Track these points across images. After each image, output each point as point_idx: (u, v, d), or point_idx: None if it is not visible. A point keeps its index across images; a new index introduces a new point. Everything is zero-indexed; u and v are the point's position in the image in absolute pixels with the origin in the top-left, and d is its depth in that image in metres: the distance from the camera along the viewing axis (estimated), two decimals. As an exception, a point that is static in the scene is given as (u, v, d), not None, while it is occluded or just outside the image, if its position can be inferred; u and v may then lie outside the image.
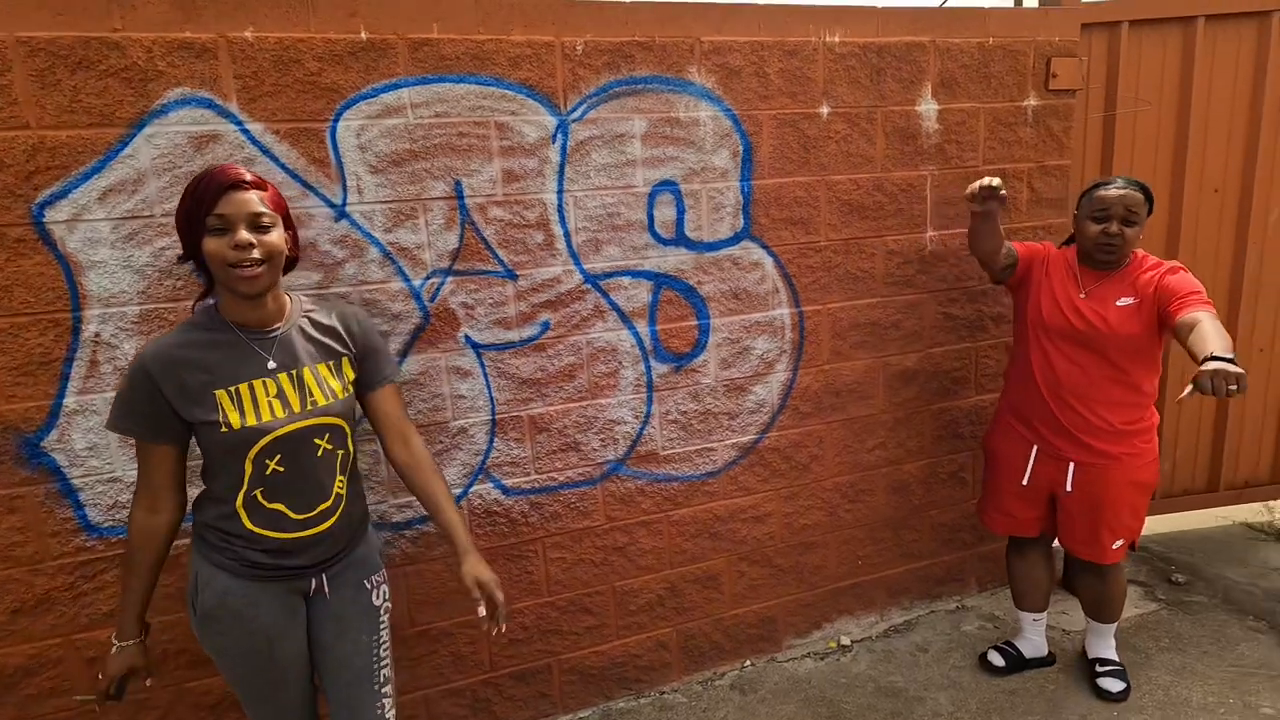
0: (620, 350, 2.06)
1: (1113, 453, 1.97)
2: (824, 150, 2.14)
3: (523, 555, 2.09)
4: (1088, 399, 1.96)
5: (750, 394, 2.23)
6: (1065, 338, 1.97)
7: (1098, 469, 1.99)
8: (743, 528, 2.31)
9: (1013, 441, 2.12)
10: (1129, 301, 1.91)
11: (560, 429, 2.05)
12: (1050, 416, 2.01)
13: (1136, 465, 1.99)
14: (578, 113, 1.90)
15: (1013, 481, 2.12)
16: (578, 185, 1.93)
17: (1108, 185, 1.92)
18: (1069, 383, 1.96)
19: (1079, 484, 2.01)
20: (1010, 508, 2.16)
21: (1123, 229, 1.88)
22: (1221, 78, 2.64)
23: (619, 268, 2.02)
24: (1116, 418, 1.96)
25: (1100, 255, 1.93)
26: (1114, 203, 1.88)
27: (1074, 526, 2.07)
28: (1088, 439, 1.98)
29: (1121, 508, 2.01)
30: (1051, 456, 2.04)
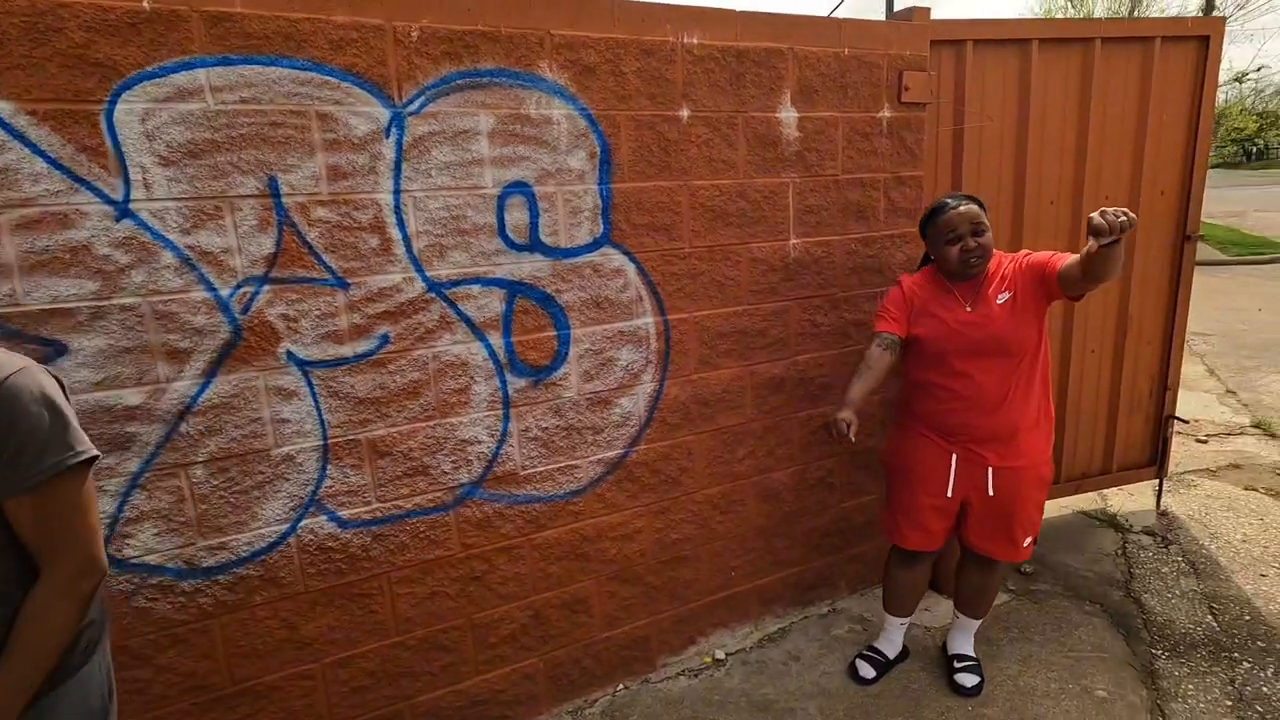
0: (471, 364, 1.91)
1: (1025, 450, 2.02)
2: (685, 154, 2.08)
3: (365, 594, 1.89)
4: (1003, 402, 1.98)
5: (615, 407, 2.13)
6: (972, 351, 1.97)
7: (1014, 470, 2.02)
8: (612, 546, 2.21)
9: (930, 454, 2.08)
10: (1007, 296, 1.97)
11: (405, 452, 1.87)
12: (971, 426, 2.00)
13: (1043, 460, 2.06)
14: (414, 105, 1.73)
15: (935, 495, 2.08)
16: (417, 185, 1.76)
17: (945, 209, 1.98)
18: (985, 390, 1.97)
19: (998, 487, 2.03)
20: (927, 522, 2.12)
21: (978, 240, 1.95)
22: (1054, 99, 2.82)
23: (467, 275, 1.86)
24: (1028, 416, 2.00)
25: (971, 270, 1.98)
26: (959, 222, 1.95)
27: (991, 529, 2.09)
28: (1007, 442, 2.00)
29: (1031, 505, 2.08)
30: (972, 463, 2.04)
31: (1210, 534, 3.12)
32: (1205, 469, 3.84)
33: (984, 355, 1.96)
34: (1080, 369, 3.13)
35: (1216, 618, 2.53)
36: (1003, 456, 2.01)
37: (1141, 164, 2.98)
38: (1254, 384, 5.16)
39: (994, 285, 2.00)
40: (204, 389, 1.63)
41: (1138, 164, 2.98)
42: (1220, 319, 7.12)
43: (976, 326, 1.96)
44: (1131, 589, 2.73)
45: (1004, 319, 1.95)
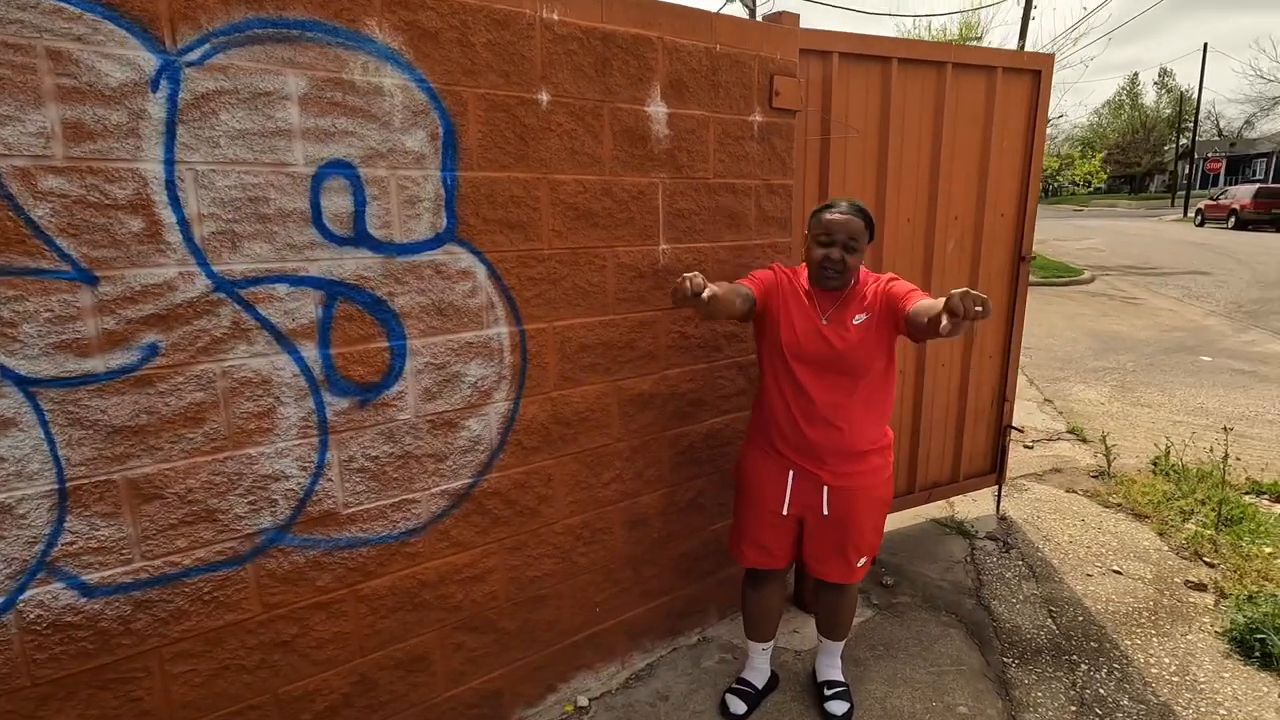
0: (276, 381, 1.55)
1: (861, 471, 1.96)
2: (545, 144, 1.84)
3: (124, 679, 1.46)
4: (841, 421, 1.92)
5: (463, 430, 1.84)
6: (816, 364, 1.91)
7: (849, 490, 1.96)
8: (458, 591, 1.91)
9: (770, 467, 2.01)
10: (863, 318, 1.91)
11: (182, 494, 1.47)
12: (807, 441, 1.94)
13: (880, 482, 2.01)
14: (195, 54, 1.36)
15: (772, 511, 2.00)
16: (200, 155, 1.39)
17: (833, 209, 1.91)
18: (824, 407, 1.91)
19: (833, 506, 1.96)
20: (765, 539, 2.04)
21: (845, 256, 1.87)
22: (911, 117, 2.88)
23: (271, 271, 1.50)
24: (866, 437, 1.95)
25: (824, 281, 1.91)
26: (838, 229, 1.87)
27: (824, 549, 2.02)
28: (842, 461, 1.94)
29: (866, 526, 2.01)
30: (808, 480, 1.97)
31: (1043, 536, 3.33)
32: (1033, 473, 4.14)
33: (828, 371, 1.91)
34: (933, 382, 3.23)
35: (1055, 620, 2.65)
36: (838, 476, 1.95)
37: (986, 186, 3.13)
38: (1065, 393, 5.73)
39: (855, 305, 1.93)
40: None
41: (983, 186, 3.13)
42: (1034, 334, 7.94)
43: (825, 342, 1.90)
44: (982, 596, 2.82)
45: (854, 340, 1.89)
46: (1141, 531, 3.36)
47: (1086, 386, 5.91)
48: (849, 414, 1.92)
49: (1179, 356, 6.87)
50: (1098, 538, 3.30)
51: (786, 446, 1.98)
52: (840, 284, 1.91)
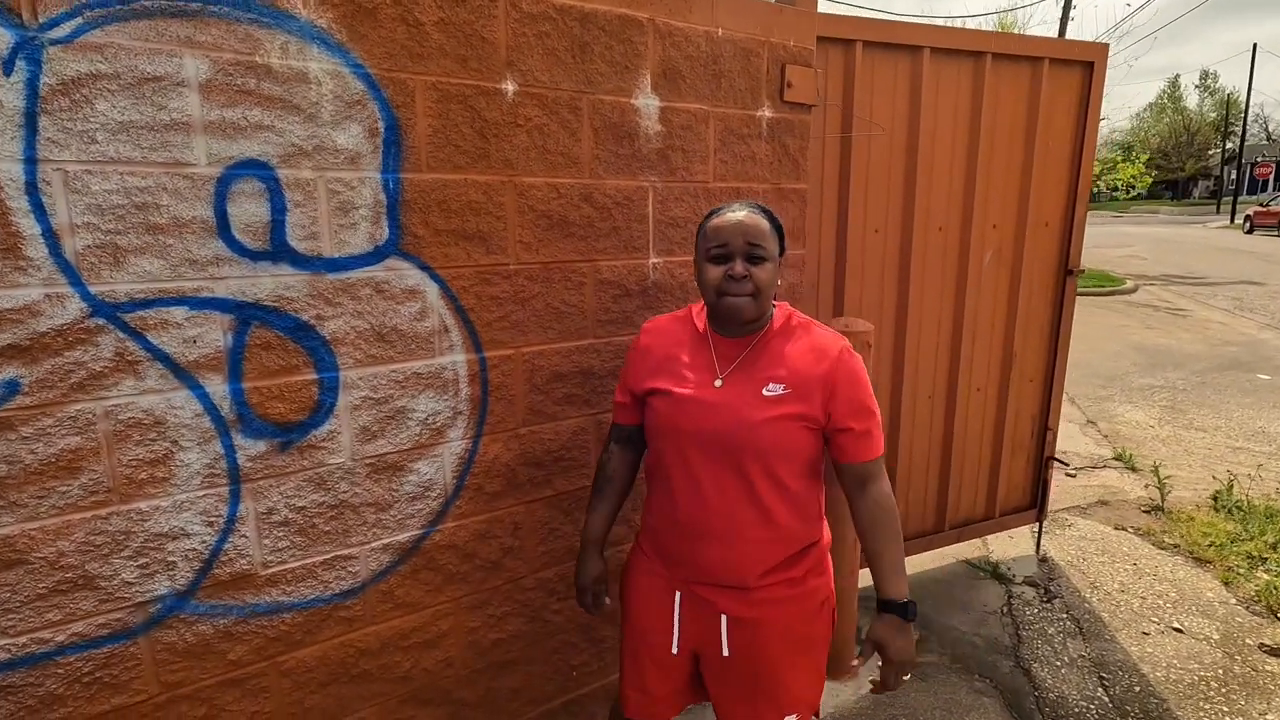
0: (173, 423, 1.30)
1: (776, 599, 1.34)
2: (511, 141, 1.58)
3: (-17, 777, 1.23)
4: (737, 530, 1.31)
5: (410, 474, 1.58)
6: (700, 447, 1.30)
7: (758, 624, 1.34)
8: (405, 660, 1.65)
9: (653, 586, 1.43)
10: (780, 391, 1.28)
11: (53, 559, 1.23)
12: (692, 556, 1.35)
13: (806, 613, 1.38)
14: (64, 30, 1.12)
15: (657, 646, 1.42)
16: (70, 153, 1.15)
17: (721, 212, 1.34)
18: (713, 508, 1.30)
19: (736, 645, 1.35)
20: (648, 682, 1.44)
21: (749, 268, 1.28)
22: (945, 114, 2.57)
23: (165, 293, 1.26)
24: (774, 553, 1.33)
25: (727, 312, 1.30)
26: (732, 233, 1.28)
27: (731, 701, 1.40)
28: (740, 585, 1.34)
29: (789, 674, 1.38)
30: (700, 607, 1.37)
31: (1090, 583, 2.97)
32: (1076, 506, 3.77)
33: (719, 455, 1.29)
34: (965, 410, 2.90)
35: (1108, 690, 2.31)
36: (741, 603, 1.34)
37: (1029, 193, 2.80)
38: (1110, 414, 5.32)
39: (766, 364, 1.31)
40: None
41: (1025, 192, 2.80)
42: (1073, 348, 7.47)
43: (717, 413, 1.29)
44: (1021, 657, 2.48)
45: (759, 415, 1.26)
46: (1203, 579, 2.98)
47: (1133, 407, 5.48)
48: (750, 519, 1.30)
49: (1233, 374, 6.38)
50: (1153, 586, 2.94)
51: (671, 560, 1.39)
52: (753, 313, 1.30)
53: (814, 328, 1.37)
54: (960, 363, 2.82)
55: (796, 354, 1.31)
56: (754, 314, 1.30)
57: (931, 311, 2.73)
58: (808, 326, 1.37)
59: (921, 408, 2.82)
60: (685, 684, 1.46)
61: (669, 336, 1.41)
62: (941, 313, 2.77)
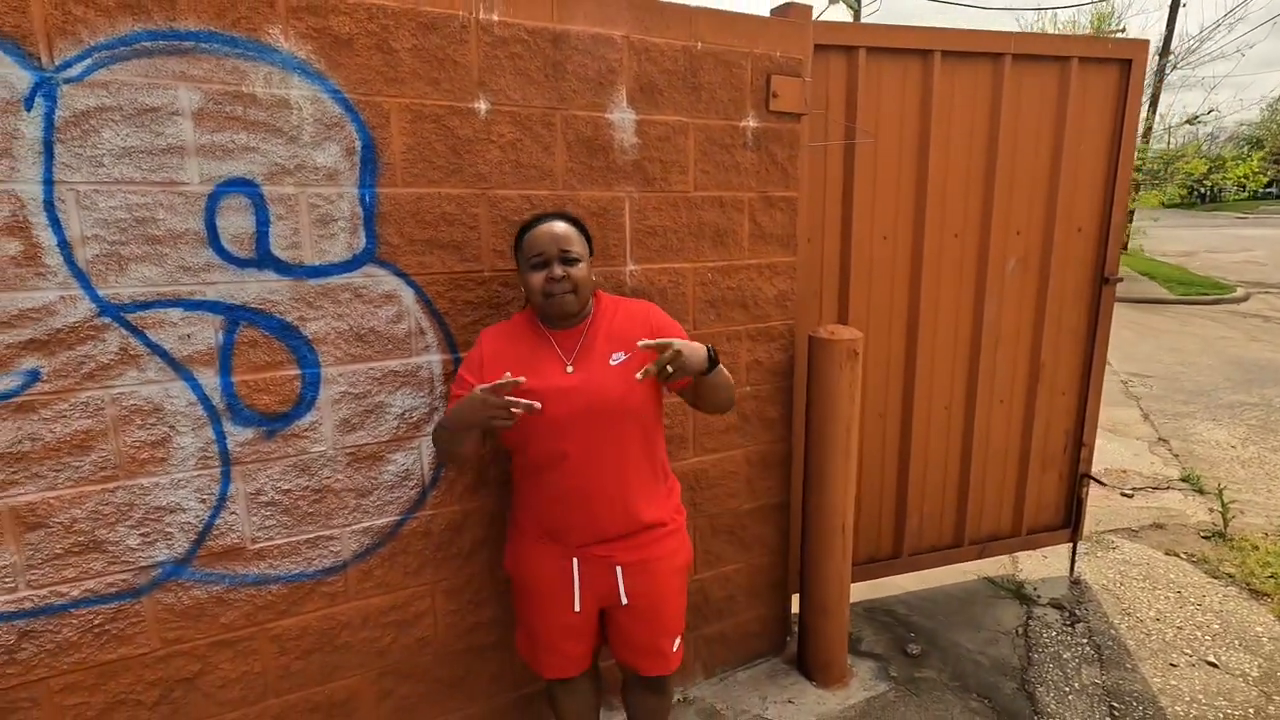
0: (169, 410, 1.48)
1: (656, 539, 1.61)
2: (484, 156, 1.69)
3: (10, 708, 1.44)
4: (622, 489, 1.55)
5: (389, 464, 1.72)
6: (574, 426, 1.49)
7: (646, 564, 1.59)
8: (384, 635, 1.79)
9: (547, 562, 1.60)
10: (623, 358, 1.53)
11: (68, 524, 1.43)
12: (585, 519, 1.55)
13: (677, 547, 1.66)
14: (75, 70, 1.31)
15: (561, 612, 1.60)
16: (80, 175, 1.34)
17: (537, 223, 1.54)
18: (596, 473, 1.52)
19: (632, 590, 1.59)
20: (560, 645, 1.65)
21: (566, 270, 1.49)
22: (959, 119, 2.50)
23: (163, 296, 1.44)
24: (653, 499, 1.61)
25: (555, 310, 1.51)
26: (544, 243, 1.50)
27: (634, 639, 1.66)
28: (632, 534, 1.58)
29: (674, 600, 1.68)
30: (597, 565, 1.58)
31: (1122, 609, 2.80)
32: (1127, 528, 3.55)
33: (591, 429, 1.50)
34: (987, 421, 2.81)
35: (1116, 721, 2.19)
36: (630, 549, 1.58)
37: (1056, 197, 2.68)
38: (1187, 432, 4.94)
39: (603, 341, 1.55)
40: None
41: (1052, 197, 2.68)
42: (1162, 360, 6.96)
43: (579, 393, 1.49)
44: (1027, 679, 2.38)
45: (616, 383, 1.50)
46: (1254, 613, 2.76)
47: (1216, 425, 5.07)
48: (629, 475, 1.55)
49: (1344, 393, 5.78)
50: (1194, 616, 2.74)
51: (562, 533, 1.58)
52: (576, 306, 1.53)
53: (623, 302, 1.65)
54: (980, 373, 2.73)
55: (621, 326, 1.57)
56: (577, 306, 1.54)
57: (947, 320, 2.67)
58: (618, 303, 1.64)
59: (937, 418, 2.75)
60: (592, 635, 1.69)
61: (512, 340, 1.58)
62: (959, 321, 2.69)
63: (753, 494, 2.29)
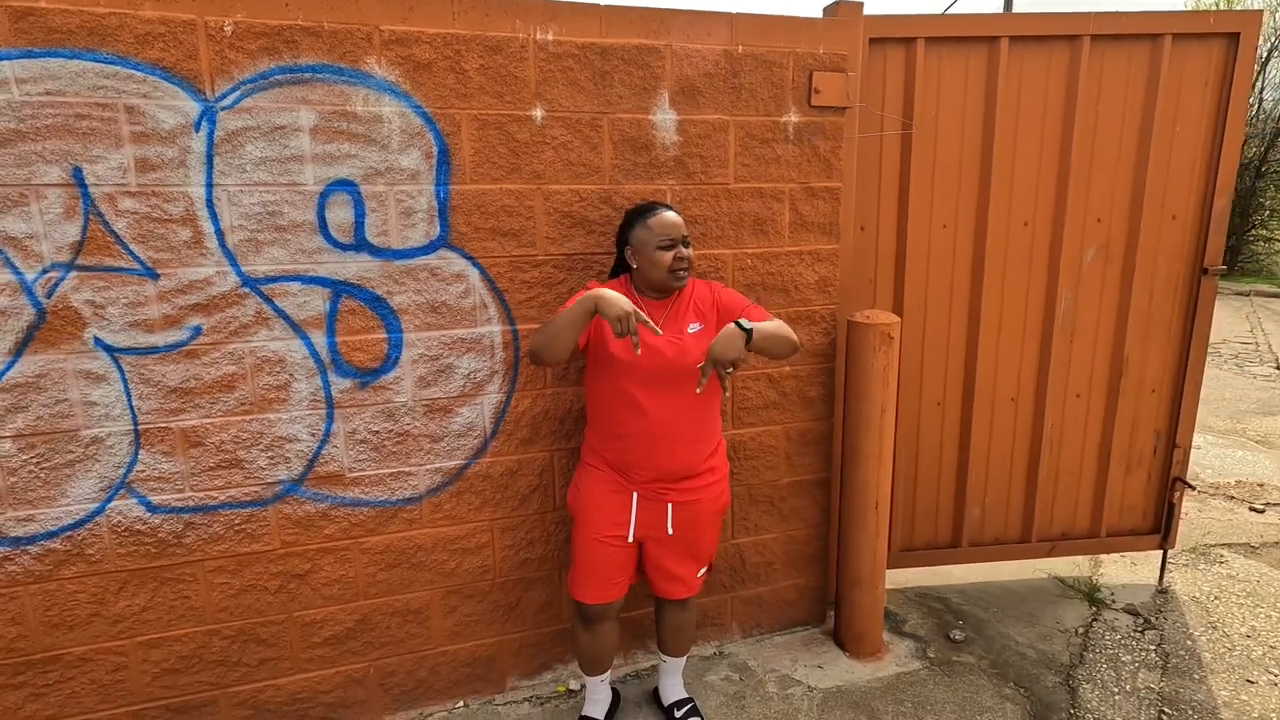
0: (290, 361, 1.89)
1: (704, 485, 1.92)
2: (539, 157, 1.97)
3: (178, 579, 1.92)
4: (684, 437, 1.85)
5: (457, 416, 2.06)
6: (655, 381, 1.81)
7: (693, 504, 1.91)
8: (451, 559, 2.14)
9: (612, 494, 1.89)
10: (699, 328, 1.86)
11: (218, 444, 1.88)
12: (650, 461, 1.85)
13: (720, 492, 1.97)
14: (229, 100, 1.73)
15: (616, 540, 1.89)
16: (231, 179, 1.76)
17: (657, 210, 1.83)
18: (665, 424, 1.82)
19: (679, 523, 1.91)
20: (611, 572, 1.91)
21: (689, 251, 1.84)
22: (1030, 105, 2.47)
23: (286, 272, 1.85)
24: (707, 450, 1.92)
25: (676, 281, 1.84)
26: (674, 228, 1.81)
27: (667, 568, 1.96)
28: (686, 478, 1.89)
29: (709, 537, 1.99)
30: (653, 502, 1.89)
31: (1210, 622, 2.63)
32: (1245, 543, 3.26)
33: (665, 387, 1.81)
34: (1060, 415, 2.74)
35: (1164, 726, 2.12)
36: (683, 491, 1.89)
37: (1144, 183, 2.56)
38: (1354, 448, 4.35)
39: (687, 313, 1.87)
40: (9, 367, 1.71)
41: (1139, 183, 2.56)
42: (1345, 368, 6.06)
43: (662, 355, 1.80)
44: (1073, 675, 2.34)
45: (693, 350, 1.81)
46: (1373, 643, 2.49)
47: (1395, 442, 4.42)
48: (691, 430, 1.86)
49: None
50: (1295, 638, 2.53)
51: (628, 469, 1.87)
52: (685, 284, 1.86)
53: (696, 281, 1.94)
54: (1051, 366, 2.67)
55: (702, 301, 1.90)
56: (683, 287, 1.88)
57: (1014, 310, 2.63)
58: (693, 281, 1.93)
59: (1002, 409, 2.72)
60: (632, 566, 1.97)
61: None
62: (1028, 312, 2.65)
63: (792, 469, 2.42)
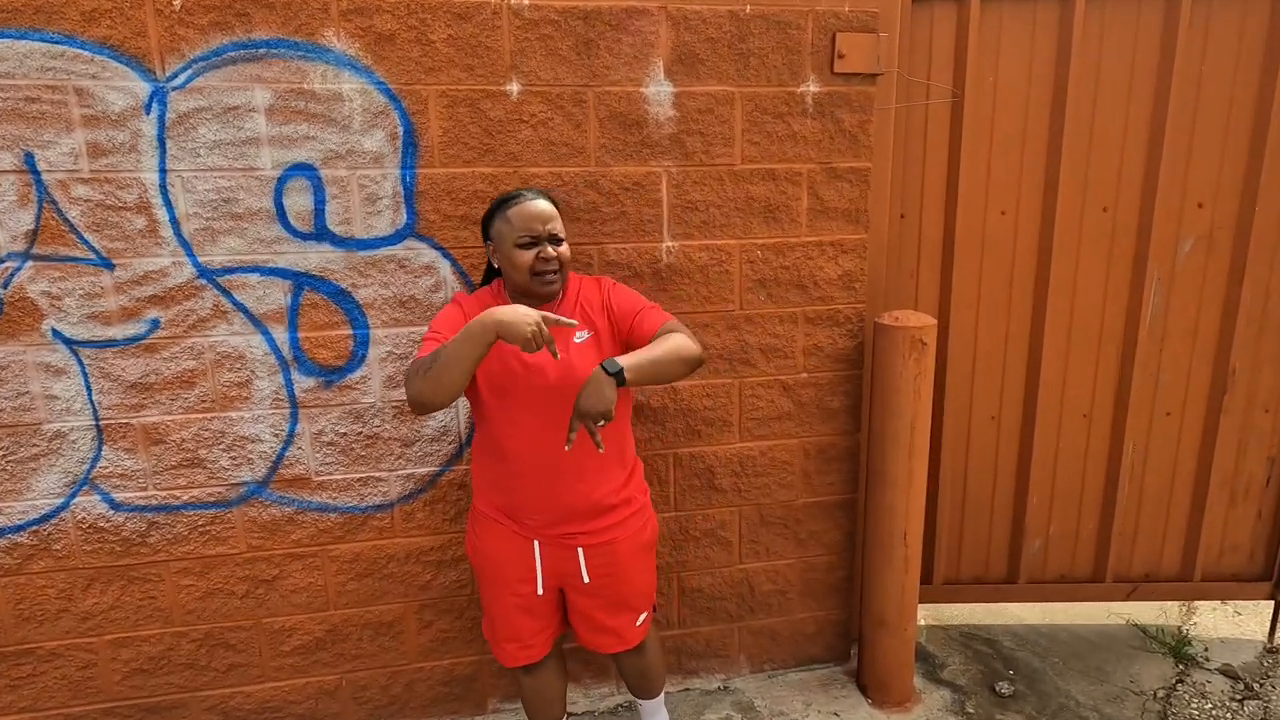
0: (250, 358, 1.79)
1: (619, 522, 1.63)
2: (515, 136, 1.78)
3: (144, 578, 1.87)
4: (582, 468, 1.56)
5: (430, 419, 1.91)
6: (536, 403, 1.51)
7: (607, 547, 1.62)
8: (425, 572, 2.00)
9: (509, 542, 1.62)
10: (587, 336, 1.57)
11: (179, 442, 1.81)
12: (546, 501, 1.57)
13: (641, 526, 1.68)
14: (179, 80, 1.63)
15: (523, 595, 1.63)
16: (185, 164, 1.67)
17: (519, 198, 1.53)
18: (563, 458, 1.50)
19: (595, 569, 1.62)
20: (521, 630, 1.66)
21: (557, 250, 1.52)
22: (1112, 67, 2.07)
23: (244, 262, 1.74)
24: (618, 478, 1.63)
25: (543, 287, 1.52)
26: (537, 220, 1.50)
27: (595, 620, 1.69)
28: (593, 517, 1.60)
29: (638, 577, 1.69)
30: (560, 548, 1.61)
31: (1332, 695, 2.17)
32: (1387, 596, 2.70)
33: (554, 405, 1.49)
34: (1146, 435, 2.33)
35: (1259, 827, 1.72)
36: (594, 533, 1.61)
37: (1262, 161, 2.11)
38: None
39: (572, 318, 1.54)
40: (-29, 358, 1.68)
41: (1255, 160, 2.12)
42: None
43: (544, 372, 1.51)
44: (1146, 752, 1.96)
45: (580, 364, 1.51)
46: None
47: None
48: (592, 459, 1.55)
49: None
50: None
51: (521, 514, 1.59)
52: (560, 286, 1.56)
53: (585, 280, 1.66)
54: (1135, 378, 2.27)
55: (584, 303, 1.60)
56: (560, 287, 1.56)
57: (1089, 311, 2.24)
58: (581, 280, 1.65)
59: (1071, 427, 2.34)
60: (553, 618, 1.72)
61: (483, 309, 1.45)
62: (1106, 313, 2.25)
63: (810, 488, 2.14)
